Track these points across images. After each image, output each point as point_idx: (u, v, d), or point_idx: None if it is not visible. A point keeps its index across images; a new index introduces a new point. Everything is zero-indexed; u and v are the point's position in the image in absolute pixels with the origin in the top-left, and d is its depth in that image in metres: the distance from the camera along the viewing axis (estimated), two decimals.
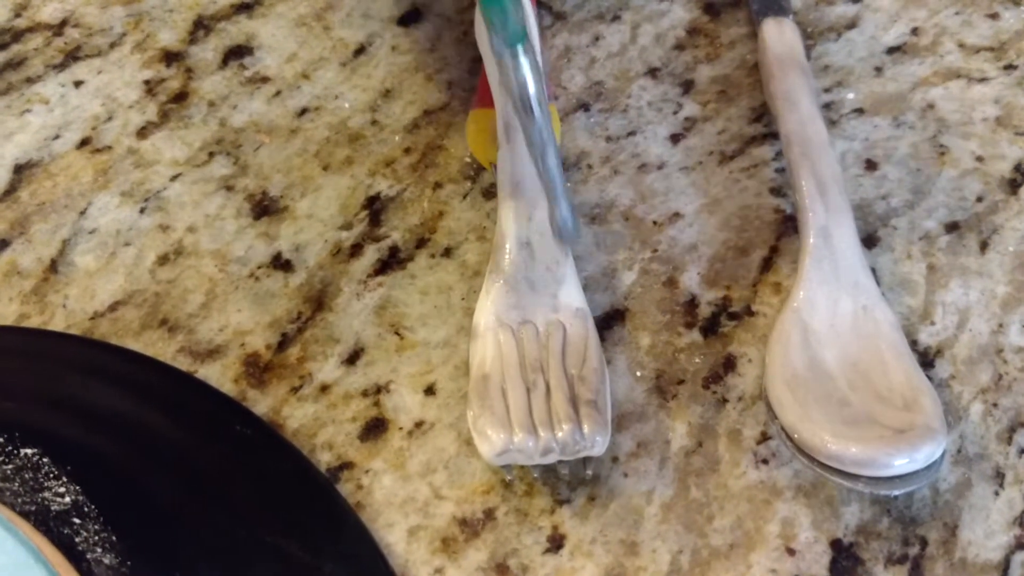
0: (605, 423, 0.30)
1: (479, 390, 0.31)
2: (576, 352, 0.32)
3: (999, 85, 0.41)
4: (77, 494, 0.30)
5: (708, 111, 0.41)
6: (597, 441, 0.30)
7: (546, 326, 0.33)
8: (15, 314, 0.36)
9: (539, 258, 0.34)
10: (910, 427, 0.30)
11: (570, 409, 0.30)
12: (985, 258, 0.36)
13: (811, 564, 0.30)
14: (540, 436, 0.30)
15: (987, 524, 0.31)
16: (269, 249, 0.37)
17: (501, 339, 0.32)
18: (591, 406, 0.30)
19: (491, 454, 0.30)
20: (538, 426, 0.30)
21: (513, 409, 0.31)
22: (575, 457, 0.31)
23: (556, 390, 0.31)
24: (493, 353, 0.32)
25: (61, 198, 0.39)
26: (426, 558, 0.31)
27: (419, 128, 0.41)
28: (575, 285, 0.34)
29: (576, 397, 0.31)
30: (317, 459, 0.33)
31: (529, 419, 0.30)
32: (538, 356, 0.32)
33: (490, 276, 0.34)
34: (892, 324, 0.33)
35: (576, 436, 0.30)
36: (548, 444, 0.30)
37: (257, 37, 0.44)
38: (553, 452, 0.30)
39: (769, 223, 0.37)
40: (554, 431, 0.30)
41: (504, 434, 0.30)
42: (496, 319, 0.33)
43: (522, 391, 0.31)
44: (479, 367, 0.32)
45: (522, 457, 0.30)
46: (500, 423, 0.30)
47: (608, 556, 0.31)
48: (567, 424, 0.30)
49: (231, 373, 0.35)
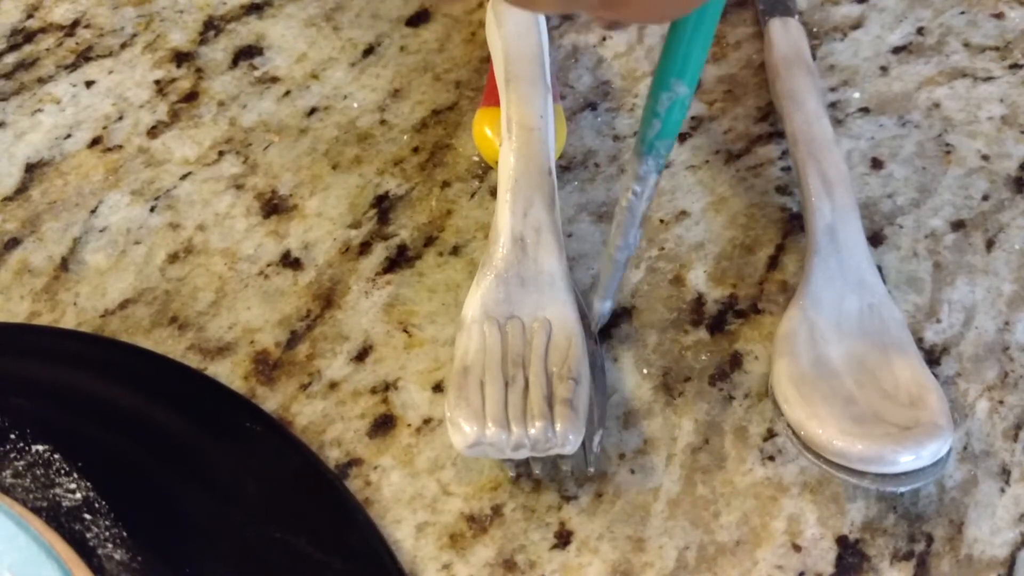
0: (579, 422, 0.31)
1: (458, 381, 0.31)
2: (559, 351, 0.32)
3: (1004, 84, 0.41)
4: (88, 490, 0.30)
5: (715, 110, 0.41)
6: (569, 439, 0.30)
7: (532, 322, 0.33)
8: (26, 312, 0.36)
9: (532, 255, 0.34)
10: (916, 424, 0.30)
11: (545, 406, 0.31)
12: (991, 256, 0.36)
13: (817, 560, 0.31)
14: (512, 431, 0.30)
15: (993, 521, 0.31)
16: (278, 247, 0.38)
17: (486, 332, 0.33)
18: (567, 405, 0.31)
19: (463, 445, 0.30)
20: (511, 421, 0.30)
21: (489, 402, 0.31)
22: (546, 454, 0.31)
23: (534, 386, 0.31)
24: (476, 345, 0.32)
25: (72, 197, 0.39)
26: (434, 554, 0.31)
27: (427, 127, 0.41)
28: (565, 284, 0.34)
29: (553, 395, 0.31)
30: (326, 456, 0.33)
31: (504, 413, 0.31)
32: (521, 352, 0.32)
33: (482, 269, 0.34)
34: (898, 322, 0.33)
35: (548, 433, 0.30)
36: (520, 439, 0.30)
37: (267, 37, 0.44)
38: (524, 448, 0.30)
39: (775, 221, 0.38)
40: (527, 427, 0.30)
41: (477, 427, 0.30)
42: (483, 312, 0.33)
43: (500, 385, 0.31)
44: (461, 358, 0.32)
45: (493, 451, 0.30)
46: (474, 415, 0.30)
47: (615, 552, 0.31)
48: (540, 421, 0.30)
49: (241, 370, 0.35)
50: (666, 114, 0.29)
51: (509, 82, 0.37)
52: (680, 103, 0.29)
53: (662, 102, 0.29)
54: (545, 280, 0.34)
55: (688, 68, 0.28)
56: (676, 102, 0.29)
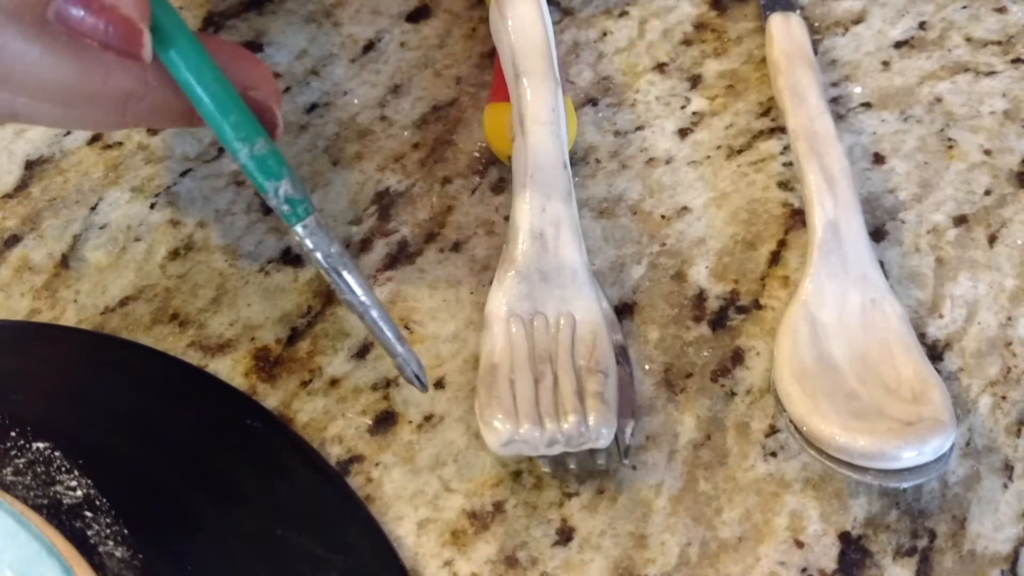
0: (611, 415, 0.31)
1: (487, 380, 0.31)
2: (585, 344, 0.32)
3: (1007, 79, 0.41)
4: (89, 488, 0.30)
5: (716, 106, 0.41)
6: (602, 433, 0.30)
7: (557, 317, 0.33)
8: (27, 309, 0.36)
9: (552, 250, 0.34)
10: (919, 420, 0.30)
11: (576, 401, 0.31)
12: (993, 251, 0.36)
13: (820, 557, 0.31)
14: (546, 427, 0.30)
15: (996, 517, 0.31)
16: (279, 244, 0.38)
17: (512, 330, 0.33)
18: (598, 398, 0.31)
19: (497, 444, 0.30)
20: (544, 417, 0.30)
21: (520, 400, 0.31)
22: (580, 449, 0.31)
23: (563, 382, 0.31)
24: (503, 344, 0.32)
25: (72, 194, 0.39)
26: (435, 551, 0.31)
27: (428, 123, 0.41)
28: (588, 277, 0.34)
29: (583, 389, 0.31)
30: (327, 452, 0.33)
31: (535, 410, 0.31)
32: (547, 347, 0.32)
33: (502, 267, 0.34)
34: (900, 317, 0.33)
35: (581, 428, 0.30)
36: (553, 435, 0.30)
37: (267, 34, 0.44)
38: (558, 443, 0.30)
39: (777, 217, 0.37)
40: (559, 422, 0.30)
41: (510, 424, 0.30)
42: (507, 310, 0.33)
43: (530, 382, 0.31)
44: (488, 357, 0.32)
45: (527, 448, 0.30)
46: (506, 413, 0.30)
47: (617, 549, 0.31)
48: (573, 416, 0.30)
49: (241, 367, 0.35)
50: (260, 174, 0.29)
51: (518, 77, 0.37)
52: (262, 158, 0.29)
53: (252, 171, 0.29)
54: (567, 274, 0.34)
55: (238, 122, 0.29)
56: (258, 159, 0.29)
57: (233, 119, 0.29)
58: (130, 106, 0.29)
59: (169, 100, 0.29)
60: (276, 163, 0.29)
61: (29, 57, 0.27)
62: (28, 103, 0.29)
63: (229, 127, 0.29)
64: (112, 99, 0.29)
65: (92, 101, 0.29)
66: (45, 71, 0.27)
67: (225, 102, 0.29)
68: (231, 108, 0.29)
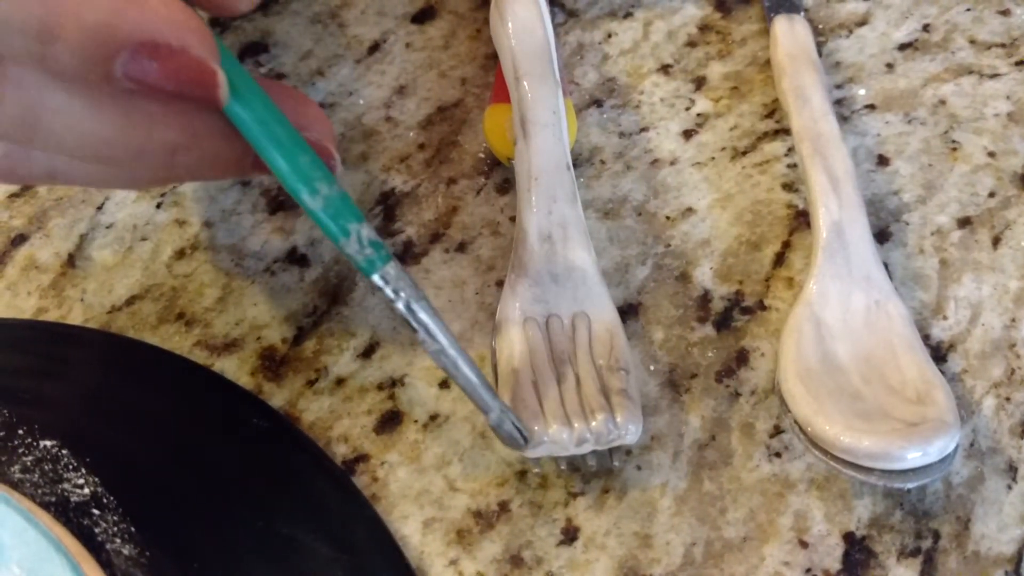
0: (637, 411, 0.31)
1: (511, 384, 0.31)
2: (602, 343, 0.32)
3: (1011, 81, 0.41)
4: (96, 485, 0.30)
5: (720, 107, 0.41)
6: (630, 429, 0.30)
7: (571, 318, 0.33)
8: (33, 308, 0.36)
9: (561, 251, 0.34)
10: (923, 420, 0.30)
11: (602, 399, 0.31)
12: (997, 253, 0.36)
13: (824, 557, 0.31)
14: (574, 427, 0.30)
15: (1000, 517, 0.31)
16: (285, 244, 0.38)
17: (528, 333, 0.33)
18: (622, 395, 0.31)
19: (527, 447, 0.30)
20: (571, 417, 0.30)
21: (546, 401, 0.31)
22: (608, 447, 0.31)
23: (586, 381, 0.31)
24: (521, 348, 0.32)
25: (78, 193, 0.39)
26: (441, 550, 0.31)
27: (433, 124, 0.41)
28: (597, 277, 0.34)
29: (606, 387, 0.31)
30: (333, 451, 0.33)
31: (562, 410, 0.31)
32: (565, 348, 0.32)
33: (512, 271, 0.34)
34: (905, 318, 0.33)
35: (610, 425, 0.30)
36: (583, 434, 0.30)
37: (273, 34, 0.44)
38: (588, 442, 0.30)
39: (781, 218, 0.38)
40: (588, 421, 0.30)
41: (538, 426, 0.30)
42: (521, 314, 0.33)
43: (553, 383, 0.31)
44: (507, 362, 0.32)
45: (557, 448, 0.30)
46: (534, 416, 0.30)
47: (622, 548, 0.31)
48: (600, 414, 0.30)
49: (247, 366, 0.35)
50: (338, 218, 0.27)
51: (519, 79, 0.37)
52: (336, 201, 0.27)
53: (327, 217, 0.27)
54: (577, 275, 0.34)
55: (307, 167, 0.27)
56: (333, 203, 0.27)
57: (302, 163, 0.27)
58: (178, 159, 0.27)
59: (220, 149, 0.27)
60: (351, 205, 0.27)
61: (69, 113, 0.25)
62: (68, 162, 0.27)
63: (298, 174, 0.26)
64: (159, 153, 0.26)
65: (138, 157, 0.26)
66: (86, 127, 0.25)
67: (291, 149, 0.26)
68: (298, 153, 0.26)
